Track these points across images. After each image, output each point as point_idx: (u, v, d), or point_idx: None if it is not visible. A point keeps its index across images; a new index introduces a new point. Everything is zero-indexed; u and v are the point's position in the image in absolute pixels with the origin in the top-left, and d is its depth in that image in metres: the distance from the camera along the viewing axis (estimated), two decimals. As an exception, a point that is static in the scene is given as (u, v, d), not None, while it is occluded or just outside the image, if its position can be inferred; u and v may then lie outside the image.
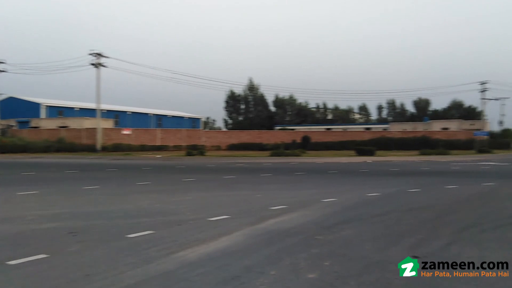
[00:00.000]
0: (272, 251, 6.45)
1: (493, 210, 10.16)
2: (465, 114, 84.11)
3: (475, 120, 67.81)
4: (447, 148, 45.58)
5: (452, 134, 58.27)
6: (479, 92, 55.47)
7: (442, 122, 72.46)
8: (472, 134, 52.51)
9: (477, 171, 22.83)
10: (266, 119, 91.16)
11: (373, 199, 12.06)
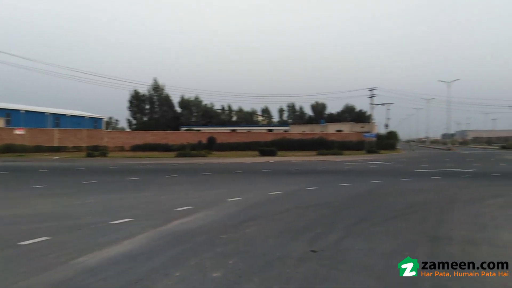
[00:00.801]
0: (177, 252, 6.42)
1: (381, 205, 11.17)
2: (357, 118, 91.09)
3: (365, 123, 73.68)
4: (341, 148, 48.99)
5: (345, 135, 62.55)
6: (368, 97, 60.45)
7: (336, 124, 77.69)
8: (362, 136, 56.81)
9: (367, 170, 24.84)
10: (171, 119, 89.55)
11: (275, 197, 12.55)
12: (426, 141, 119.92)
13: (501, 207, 10.91)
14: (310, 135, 60.93)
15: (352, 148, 53.53)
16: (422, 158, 39.76)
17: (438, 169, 24.81)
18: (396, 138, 69.23)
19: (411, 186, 15.71)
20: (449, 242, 7.08)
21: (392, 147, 61.01)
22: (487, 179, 18.71)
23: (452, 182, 17.52)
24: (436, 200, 12.13)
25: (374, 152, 49.04)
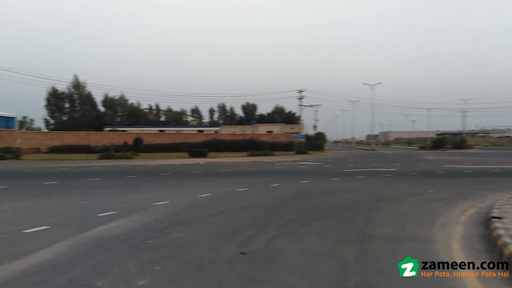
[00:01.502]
0: (100, 260, 5.99)
1: (311, 205, 11.37)
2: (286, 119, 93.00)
3: (294, 124, 75.43)
4: (271, 149, 49.68)
5: (275, 136, 63.65)
6: (297, 99, 62.05)
7: (267, 125, 78.81)
8: (292, 137, 58.17)
9: (296, 170, 25.36)
10: (94, 119, 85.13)
11: (205, 200, 12.30)
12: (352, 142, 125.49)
13: (420, 204, 11.54)
14: (241, 136, 61.17)
15: (282, 149, 54.54)
16: (348, 159, 41.45)
17: (363, 169, 25.92)
18: (324, 139, 71.73)
19: (339, 186, 16.20)
20: (375, 239, 7.30)
21: (320, 147, 63.06)
22: (406, 178, 19.85)
23: (375, 181, 18.37)
24: (363, 199, 12.59)
25: (303, 153, 50.35)
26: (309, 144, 58.39)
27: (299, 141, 55.72)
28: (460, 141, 73.75)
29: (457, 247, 6.93)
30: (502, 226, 7.50)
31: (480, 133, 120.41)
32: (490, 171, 24.33)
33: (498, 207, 9.90)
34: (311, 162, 34.45)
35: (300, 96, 61.53)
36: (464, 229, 8.38)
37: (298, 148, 53.00)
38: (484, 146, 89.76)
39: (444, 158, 40.31)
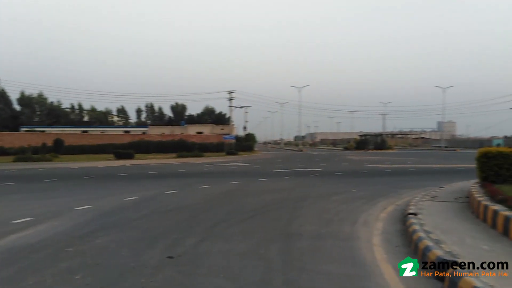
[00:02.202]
0: (13, 271, 5.54)
1: (239, 206, 11.41)
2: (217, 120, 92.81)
3: (224, 125, 75.54)
4: (201, 150, 49.26)
5: (205, 137, 63.31)
6: (227, 100, 62.21)
7: (197, 126, 78.13)
8: (222, 137, 58.18)
9: (226, 171, 25.38)
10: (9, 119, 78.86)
11: (131, 203, 11.88)
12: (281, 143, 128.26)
13: (343, 202, 12.03)
14: (170, 137, 60.02)
15: (213, 150, 54.33)
16: (277, 159, 42.25)
17: (291, 169, 26.55)
18: (254, 140, 72.52)
19: (267, 186, 16.44)
20: (300, 238, 7.48)
21: (250, 148, 63.66)
22: (332, 177, 20.63)
23: (302, 180, 18.90)
24: (289, 198, 12.87)
25: (234, 154, 50.51)
26: (239, 145, 58.70)
27: (230, 142, 55.85)
28: (381, 142, 78.23)
29: (378, 242, 7.30)
30: (417, 222, 8.01)
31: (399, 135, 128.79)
32: (407, 170, 26.02)
33: (414, 204, 10.59)
34: (241, 163, 34.67)
35: (230, 97, 61.77)
36: (383, 225, 8.85)
37: (229, 149, 53.09)
38: (402, 146, 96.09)
39: (366, 158, 42.47)
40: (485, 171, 12.13)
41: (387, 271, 5.62)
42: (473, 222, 8.42)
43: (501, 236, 7.11)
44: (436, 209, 9.90)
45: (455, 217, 8.99)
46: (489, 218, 8.01)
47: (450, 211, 9.72)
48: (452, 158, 41.07)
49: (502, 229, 7.24)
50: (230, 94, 61.65)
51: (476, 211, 9.19)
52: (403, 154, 54.55)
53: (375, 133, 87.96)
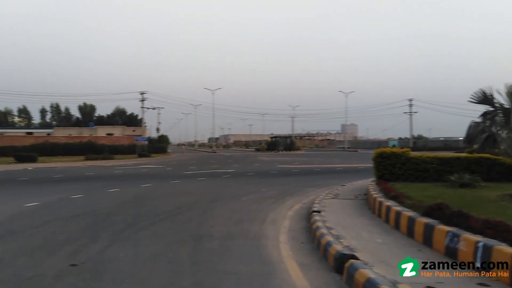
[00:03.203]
0: None
1: (149, 209, 11.19)
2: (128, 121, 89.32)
3: (136, 127, 72.97)
4: (112, 153, 47.08)
5: (116, 139, 60.73)
6: (139, 101, 60.28)
7: (107, 128, 74.57)
8: (134, 139, 56.25)
9: (138, 174, 24.66)
10: None
11: (32, 209, 11.07)
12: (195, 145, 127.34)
13: (253, 202, 12.36)
14: (77, 139, 56.60)
15: (124, 152, 52.24)
16: (191, 161, 41.94)
17: (204, 171, 26.55)
18: (167, 142, 71.12)
19: (179, 188, 16.30)
20: (210, 239, 7.57)
21: (164, 150, 62.36)
22: (243, 178, 21.04)
23: (215, 182, 19.04)
24: (201, 200, 12.90)
25: (146, 156, 49.10)
26: (152, 147, 57.22)
27: (142, 144, 54.24)
28: (290, 143, 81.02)
29: (284, 240, 7.63)
30: (320, 219, 8.51)
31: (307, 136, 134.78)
32: (313, 170, 27.37)
33: (318, 202, 11.22)
34: (154, 165, 33.89)
35: (142, 98, 59.90)
36: (290, 223, 9.27)
37: (141, 151, 51.49)
38: (310, 147, 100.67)
39: (276, 159, 43.85)
40: (380, 170, 13.25)
41: (291, 267, 5.90)
42: (370, 218, 9.17)
43: (394, 230, 7.83)
44: (338, 206, 10.61)
45: (354, 213, 9.72)
46: (383, 213, 8.78)
47: (350, 208, 10.48)
48: (353, 158, 44.04)
49: (394, 223, 7.98)
50: (142, 95, 59.79)
51: (372, 207, 10.01)
52: (310, 155, 57.17)
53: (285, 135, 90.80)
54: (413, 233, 6.95)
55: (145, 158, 46.82)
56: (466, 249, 5.32)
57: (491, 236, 5.23)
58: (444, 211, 6.56)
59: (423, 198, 8.94)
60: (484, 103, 16.95)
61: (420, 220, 6.83)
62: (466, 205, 7.69)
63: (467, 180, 11.42)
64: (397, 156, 13.32)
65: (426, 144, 78.85)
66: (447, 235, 5.85)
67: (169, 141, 78.03)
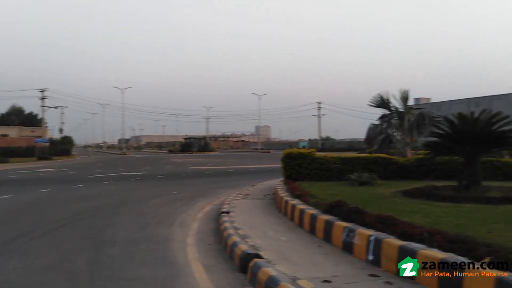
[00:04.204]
0: None
1: (46, 216, 10.38)
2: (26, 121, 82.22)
3: (36, 127, 67.57)
4: (7, 155, 42.95)
5: (12, 141, 55.79)
6: (39, 99, 55.91)
7: (1, 128, 67.99)
8: (33, 141, 52.11)
9: (36, 178, 22.81)
10: None
11: None
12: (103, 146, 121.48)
13: (163, 205, 12.06)
14: (-36, 141, 50.94)
15: (21, 155, 47.96)
16: (97, 163, 39.88)
17: (112, 174, 25.37)
18: (71, 144, 67.01)
19: (83, 193, 15.38)
20: (112, 245, 7.21)
21: (67, 152, 58.56)
22: (154, 181, 20.48)
23: (123, 185, 18.27)
24: (106, 204, 12.29)
25: (47, 159, 45.66)
26: (54, 149, 53.36)
27: (42, 146, 50.37)
28: (204, 144, 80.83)
29: (192, 242, 7.53)
30: (228, 220, 8.54)
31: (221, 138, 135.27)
32: (226, 171, 27.52)
33: (228, 202, 11.27)
34: (55, 169, 31.62)
35: (43, 96, 55.61)
36: (199, 225, 9.18)
37: (41, 153, 47.75)
38: (224, 149, 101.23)
39: (190, 161, 43.40)
40: (288, 170, 13.70)
41: (197, 269, 5.83)
42: (277, 217, 9.41)
43: (298, 227, 8.11)
44: (247, 206, 10.74)
45: (262, 213, 9.90)
46: (289, 212, 9.05)
47: (259, 208, 10.67)
48: (266, 159, 45.11)
49: (298, 221, 8.26)
50: (42, 93, 55.50)
51: (279, 206, 10.29)
52: (224, 156, 57.52)
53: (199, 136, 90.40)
54: (315, 230, 7.25)
55: (45, 161, 43.55)
56: (360, 243, 5.67)
57: (382, 230, 5.63)
58: (343, 208, 6.93)
59: (326, 196, 9.38)
60: (381, 107, 18.46)
61: (321, 217, 7.15)
62: (363, 201, 8.22)
63: (366, 178, 12.21)
64: (303, 157, 13.86)
65: (333, 145, 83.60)
66: (344, 231, 6.19)
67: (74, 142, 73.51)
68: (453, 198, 8.65)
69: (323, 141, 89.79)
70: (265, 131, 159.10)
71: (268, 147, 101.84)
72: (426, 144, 11.99)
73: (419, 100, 74.54)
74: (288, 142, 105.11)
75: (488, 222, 6.36)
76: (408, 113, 17.84)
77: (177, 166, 34.25)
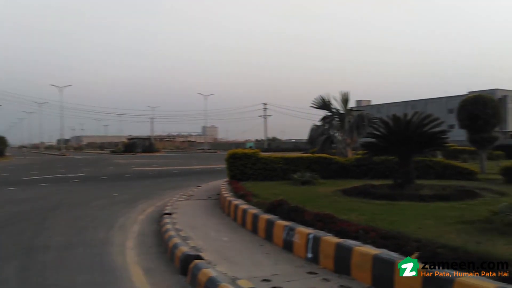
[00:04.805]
0: None
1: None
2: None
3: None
4: None
5: None
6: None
7: None
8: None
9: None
10: None
11: None
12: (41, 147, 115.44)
13: (102, 208, 11.64)
14: None
15: None
16: (34, 165, 37.77)
17: (48, 176, 24.14)
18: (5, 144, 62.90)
19: (15, 196, 14.53)
20: (46, 250, 6.86)
21: (1, 153, 55.03)
22: (94, 182, 19.73)
23: (61, 187, 17.45)
24: (41, 207, 11.68)
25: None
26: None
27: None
28: (149, 145, 79.04)
29: (131, 245, 7.32)
30: (170, 221, 8.40)
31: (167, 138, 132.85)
32: (171, 172, 27.06)
33: (171, 204, 11.10)
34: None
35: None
36: (140, 227, 8.95)
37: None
38: (170, 149, 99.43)
39: (133, 162, 42.24)
40: (233, 170, 13.72)
41: (135, 273, 5.68)
42: (220, 217, 9.39)
43: (240, 227, 8.13)
44: (191, 208, 10.63)
45: (205, 214, 9.84)
46: (232, 212, 9.07)
47: (202, 209, 10.59)
48: (212, 160, 44.86)
49: (241, 221, 8.29)
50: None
51: (223, 206, 10.28)
52: (170, 157, 56.55)
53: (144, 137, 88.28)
54: (257, 230, 7.31)
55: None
56: (299, 241, 5.79)
57: (320, 228, 5.79)
58: (284, 207, 7.05)
59: (269, 195, 9.48)
60: (323, 108, 19.00)
61: (263, 216, 7.22)
62: (304, 200, 8.40)
63: (308, 178, 12.49)
64: (248, 157, 13.93)
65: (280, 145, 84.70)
66: (284, 229, 6.30)
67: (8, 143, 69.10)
68: (388, 196, 9.06)
69: (270, 142, 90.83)
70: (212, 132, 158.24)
71: (215, 147, 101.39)
72: (363, 145, 12.45)
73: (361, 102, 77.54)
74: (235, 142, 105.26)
75: (419, 219, 6.70)
76: (349, 115, 18.51)
77: (120, 167, 33.22)
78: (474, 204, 8.13)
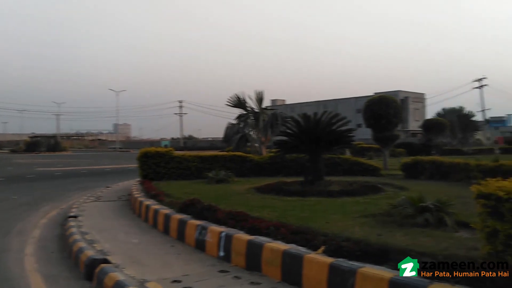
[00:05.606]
0: None
1: None
2: None
3: None
4: None
5: None
6: None
7: None
8: None
9: None
10: None
11: None
12: None
13: None
14: None
15: None
16: None
17: None
18: None
19: None
20: None
21: None
22: (-11, 185, 17.97)
23: None
24: None
25: None
26: None
27: None
28: (55, 144, 73.73)
29: (31, 251, 6.78)
30: (75, 224, 7.91)
31: (75, 136, 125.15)
32: (79, 172, 25.54)
33: (77, 206, 10.46)
34: None
35: None
36: (42, 232, 8.32)
37: None
38: (78, 148, 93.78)
39: (37, 161, 39.24)
40: (145, 170, 13.29)
41: (35, 281, 5.27)
42: (130, 218, 9.04)
43: (152, 228, 7.90)
44: (99, 209, 10.10)
45: (114, 215, 9.41)
46: (143, 213, 8.77)
47: (111, 210, 10.12)
48: (125, 159, 43.16)
49: (152, 222, 8.06)
50: None
51: (134, 207, 9.91)
52: (78, 156, 53.47)
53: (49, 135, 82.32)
54: (169, 230, 7.15)
55: None
56: (212, 240, 5.76)
57: (232, 226, 5.81)
58: (196, 206, 6.97)
59: (182, 195, 9.31)
60: (238, 107, 19.17)
61: (175, 216, 7.08)
62: (218, 198, 8.39)
63: (222, 176, 12.51)
64: (161, 156, 13.58)
65: (196, 143, 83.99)
66: (197, 229, 6.23)
67: None
68: (299, 192, 9.37)
69: (186, 140, 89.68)
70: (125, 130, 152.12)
71: (128, 146, 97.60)
72: (276, 143, 12.77)
73: (276, 101, 79.67)
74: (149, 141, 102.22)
75: (327, 214, 7.00)
76: (263, 113, 18.87)
77: (21, 167, 30.61)
78: (376, 199, 8.70)
